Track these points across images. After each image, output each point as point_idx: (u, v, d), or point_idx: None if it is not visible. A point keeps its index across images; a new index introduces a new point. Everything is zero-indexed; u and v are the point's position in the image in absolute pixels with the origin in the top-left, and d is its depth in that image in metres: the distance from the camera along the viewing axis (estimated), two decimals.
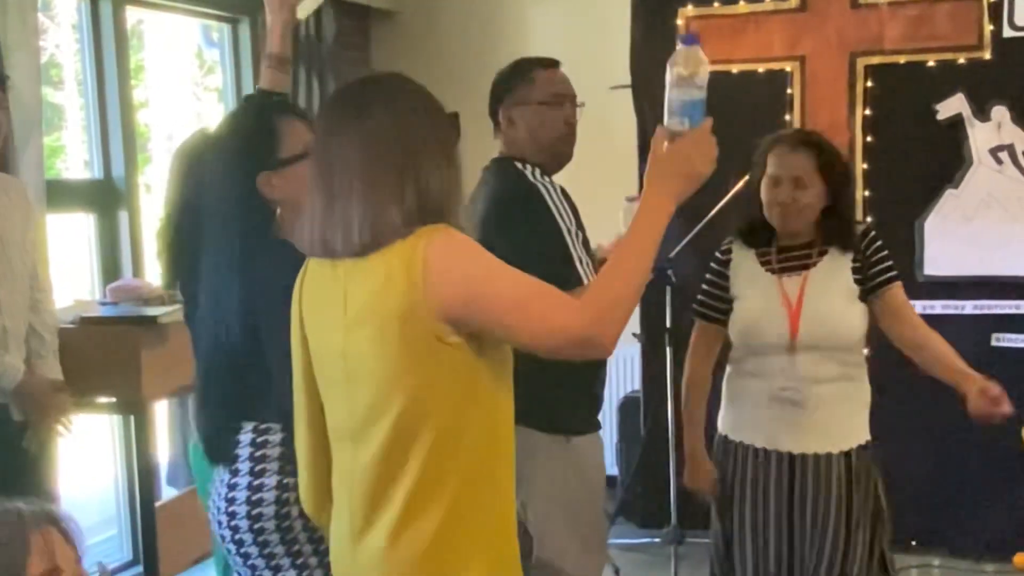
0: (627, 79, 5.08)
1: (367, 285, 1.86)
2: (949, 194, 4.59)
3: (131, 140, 4.70)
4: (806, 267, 2.96)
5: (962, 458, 4.48)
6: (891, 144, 4.66)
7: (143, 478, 3.71)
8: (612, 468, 5.26)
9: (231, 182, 2.39)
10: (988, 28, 4.51)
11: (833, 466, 2.89)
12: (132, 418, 3.61)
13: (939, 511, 4.56)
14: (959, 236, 4.54)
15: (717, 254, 3.12)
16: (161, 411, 4.53)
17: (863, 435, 2.97)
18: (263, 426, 2.34)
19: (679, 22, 4.95)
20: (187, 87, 6.46)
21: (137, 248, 4.69)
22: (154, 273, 4.52)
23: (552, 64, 3.24)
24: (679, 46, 1.98)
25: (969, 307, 4.64)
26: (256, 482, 2.31)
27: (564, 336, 1.79)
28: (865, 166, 4.70)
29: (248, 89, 5.56)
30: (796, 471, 2.91)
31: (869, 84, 4.70)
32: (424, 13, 6.13)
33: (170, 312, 3.62)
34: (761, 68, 4.84)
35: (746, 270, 3.04)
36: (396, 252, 1.83)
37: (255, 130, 2.43)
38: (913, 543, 4.55)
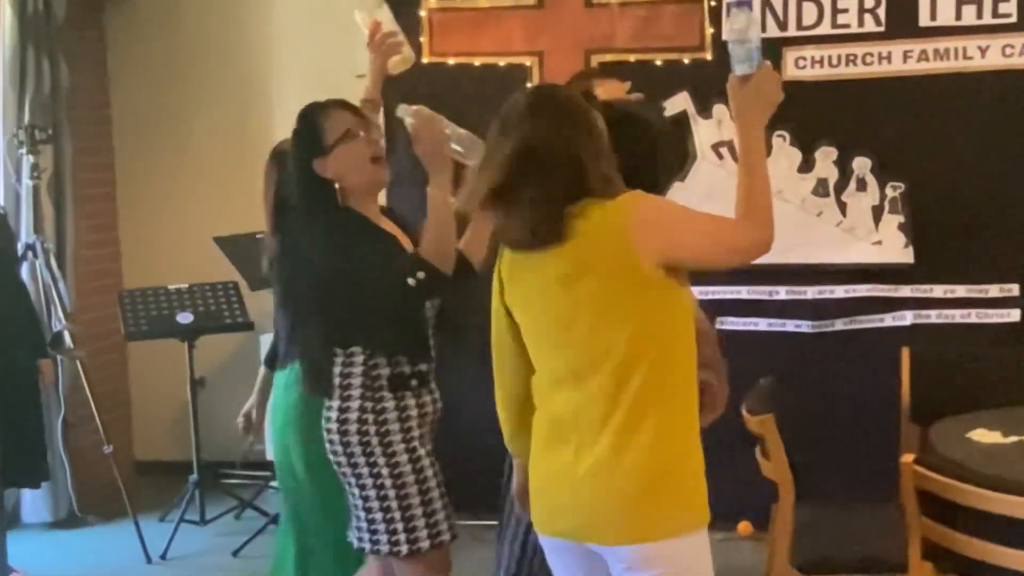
0: None
1: (579, 252, 2.24)
2: (676, 187, 4.87)
3: None
4: None
5: None
6: None
7: None
8: None
9: (296, 171, 2.98)
10: (709, 30, 4.82)
11: None
12: None
13: None
14: None
15: None
16: None
17: None
18: (348, 352, 2.88)
19: (422, 13, 5.04)
20: None
21: None
22: None
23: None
24: (732, 10, 2.42)
25: (696, 293, 4.92)
26: (344, 405, 2.89)
27: (751, 251, 2.26)
28: None
29: None
30: None
31: None
32: None
33: None
34: (502, 62, 4.99)
35: None
36: (602, 221, 2.23)
37: (302, 128, 3.00)
38: None
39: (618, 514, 2.25)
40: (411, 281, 2.74)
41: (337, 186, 2.93)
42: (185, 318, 5.16)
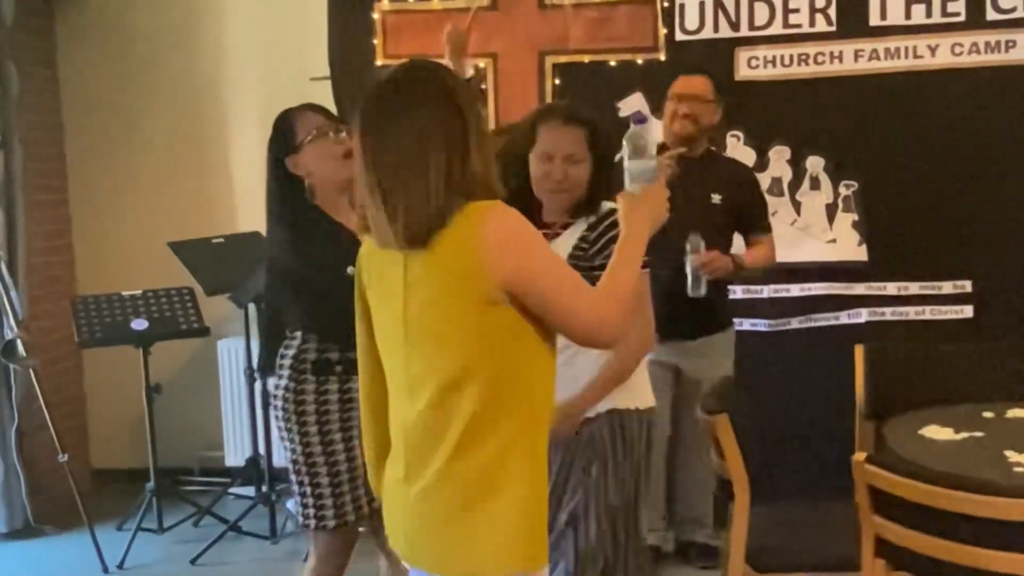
0: (327, 70, 5.11)
1: (429, 258, 2.07)
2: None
3: None
4: (551, 239, 2.94)
5: None
6: None
7: None
8: None
9: (268, 169, 3.19)
10: (662, 31, 4.85)
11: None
12: None
13: None
14: None
15: None
16: None
17: None
18: (291, 335, 3.13)
19: (375, 15, 5.03)
20: None
21: None
22: None
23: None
24: (632, 126, 2.42)
25: None
26: (277, 383, 3.15)
27: (604, 329, 2.13)
28: None
29: None
30: None
31: (557, 81, 4.94)
32: None
33: None
34: None
35: None
36: (456, 229, 2.04)
37: (277, 126, 3.20)
38: None
39: (437, 543, 2.14)
40: (349, 270, 2.79)
41: (308, 183, 3.12)
42: (139, 324, 5.11)
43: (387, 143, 2.07)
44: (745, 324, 4.85)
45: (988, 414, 3.44)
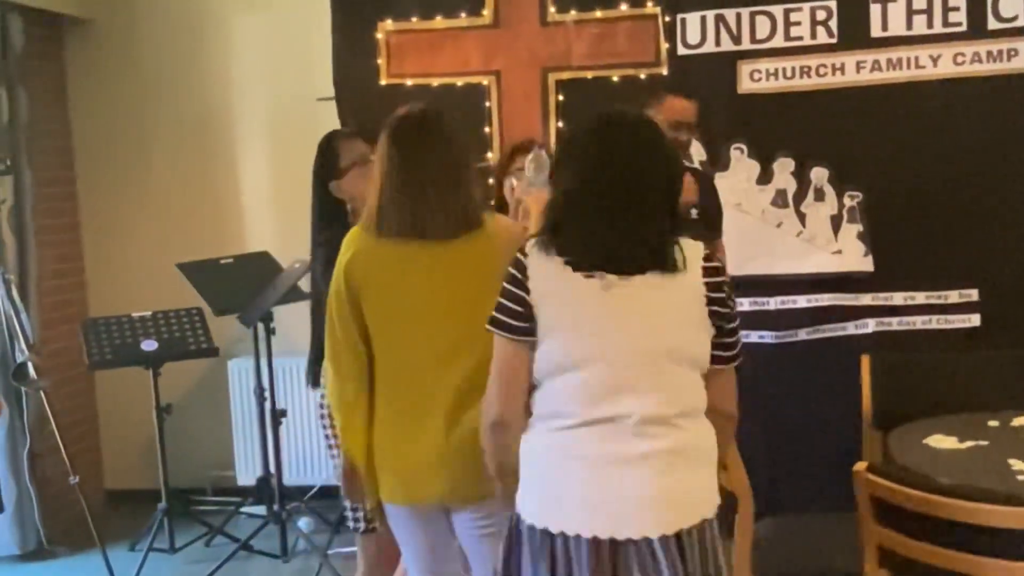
0: (333, 91, 5.14)
1: (469, 246, 2.68)
2: None
3: None
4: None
5: None
6: None
7: None
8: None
9: (313, 191, 3.42)
10: (664, 46, 4.87)
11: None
12: None
13: None
14: None
15: None
16: None
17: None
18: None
19: (379, 36, 5.06)
20: None
21: None
22: None
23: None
24: (536, 150, 3.07)
25: None
26: (320, 400, 3.43)
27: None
28: None
29: None
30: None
31: (560, 98, 4.96)
32: (122, 20, 5.95)
33: None
34: (460, 82, 5.00)
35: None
36: (487, 228, 2.72)
37: (322, 151, 3.45)
38: None
39: (476, 477, 2.58)
40: None
41: (349, 207, 3.32)
42: (149, 345, 5.14)
43: (422, 160, 2.68)
44: (752, 336, 4.85)
45: (993, 423, 3.44)
